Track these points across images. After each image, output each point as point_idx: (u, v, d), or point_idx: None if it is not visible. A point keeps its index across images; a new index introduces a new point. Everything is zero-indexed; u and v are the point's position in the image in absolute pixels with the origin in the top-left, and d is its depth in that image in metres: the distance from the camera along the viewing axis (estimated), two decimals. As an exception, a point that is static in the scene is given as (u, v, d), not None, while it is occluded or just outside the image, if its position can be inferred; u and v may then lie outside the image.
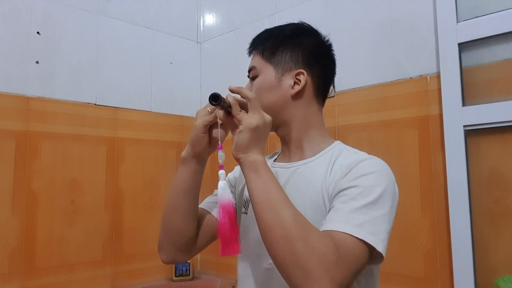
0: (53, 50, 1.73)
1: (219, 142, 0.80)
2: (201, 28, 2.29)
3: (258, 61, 0.88)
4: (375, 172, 0.75)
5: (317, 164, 0.84)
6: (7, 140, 1.57)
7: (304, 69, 0.86)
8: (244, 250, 0.90)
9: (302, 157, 0.87)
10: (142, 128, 1.99)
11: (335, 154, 0.84)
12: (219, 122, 0.79)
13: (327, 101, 1.59)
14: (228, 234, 0.74)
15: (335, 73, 0.94)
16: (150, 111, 2.04)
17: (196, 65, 2.26)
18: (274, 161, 0.94)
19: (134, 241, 1.90)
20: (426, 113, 1.38)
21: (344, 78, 1.60)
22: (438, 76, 1.35)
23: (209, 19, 2.28)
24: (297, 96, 0.86)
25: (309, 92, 0.88)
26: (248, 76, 0.91)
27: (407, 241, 1.38)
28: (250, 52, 0.92)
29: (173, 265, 1.97)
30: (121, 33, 1.96)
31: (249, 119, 0.73)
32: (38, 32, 1.69)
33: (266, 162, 0.74)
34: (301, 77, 0.86)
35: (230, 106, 0.75)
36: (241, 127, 0.73)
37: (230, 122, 0.78)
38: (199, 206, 0.94)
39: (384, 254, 0.70)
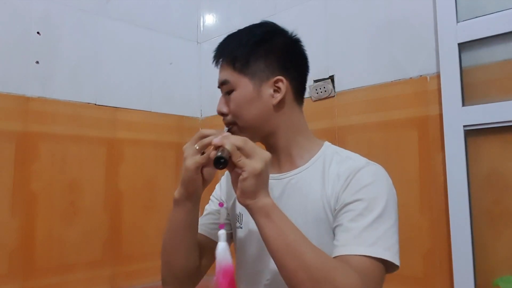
0: (53, 50, 1.73)
1: (222, 200, 0.77)
2: (201, 28, 2.29)
3: (231, 74, 0.83)
4: (376, 182, 0.75)
5: (310, 174, 0.82)
6: (6, 141, 1.57)
7: (281, 75, 0.82)
8: (242, 266, 0.90)
9: (293, 166, 0.85)
10: (142, 129, 1.99)
11: (327, 160, 0.82)
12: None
13: (327, 101, 1.59)
14: None
15: (309, 69, 0.91)
16: (150, 111, 2.03)
17: (196, 65, 2.26)
18: None
19: (133, 241, 1.89)
20: (426, 113, 1.38)
21: (344, 78, 1.60)
22: (437, 76, 1.35)
23: (209, 19, 2.28)
24: (280, 104, 0.83)
25: (290, 97, 0.85)
26: (219, 87, 0.87)
27: (407, 241, 1.37)
28: (217, 62, 0.87)
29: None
30: (120, 33, 1.96)
31: (253, 165, 0.68)
32: (38, 32, 1.69)
33: (275, 204, 0.71)
34: (280, 85, 0.82)
35: (229, 155, 0.69)
36: (244, 174, 0.68)
37: (229, 167, 0.71)
38: (199, 232, 0.92)
39: (399, 265, 0.72)
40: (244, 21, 2.12)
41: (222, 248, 0.72)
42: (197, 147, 0.74)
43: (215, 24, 2.25)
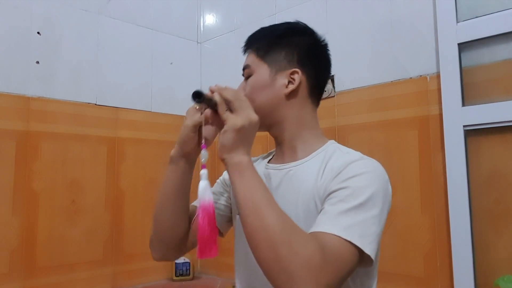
0: (53, 50, 1.73)
1: (203, 141, 0.78)
2: (201, 28, 2.29)
3: (253, 60, 0.88)
4: (366, 173, 0.74)
5: (309, 166, 0.83)
6: (7, 140, 1.57)
7: (298, 68, 0.85)
8: (240, 252, 0.91)
9: (294, 158, 0.86)
10: (143, 128, 1.99)
11: (327, 155, 0.83)
12: (203, 121, 0.77)
13: (327, 101, 1.60)
14: (206, 237, 0.72)
15: (331, 73, 0.93)
16: (151, 111, 2.04)
17: (196, 65, 2.27)
18: (268, 162, 0.93)
19: (134, 241, 1.90)
20: (426, 113, 1.38)
21: (344, 78, 1.61)
22: (438, 76, 1.36)
23: (209, 19, 2.28)
24: (291, 95, 0.85)
25: (303, 91, 0.86)
26: (243, 75, 0.90)
27: (407, 241, 1.38)
28: (245, 51, 0.91)
29: (174, 265, 1.97)
30: (121, 33, 1.96)
31: (234, 120, 0.71)
32: (38, 32, 1.69)
33: (251, 164, 0.72)
34: (296, 76, 0.84)
35: (216, 105, 0.74)
36: (225, 127, 0.72)
37: (218, 121, 0.76)
38: (192, 204, 0.93)
39: (373, 257, 0.69)
40: (244, 21, 2.14)
41: (202, 186, 0.73)
42: (196, 107, 0.78)
43: (216, 24, 2.25)
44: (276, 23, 0.92)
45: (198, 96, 0.72)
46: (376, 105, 1.51)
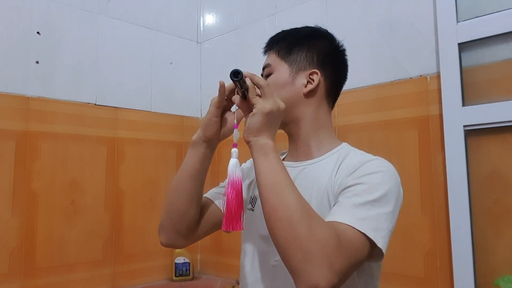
0: (53, 50, 1.73)
1: (235, 122, 0.81)
2: (201, 28, 2.29)
3: (274, 59, 0.90)
4: (381, 172, 0.76)
5: (324, 165, 0.85)
6: (7, 140, 1.57)
7: (318, 70, 0.88)
8: (250, 247, 0.91)
9: (309, 156, 0.88)
10: (142, 128, 1.99)
11: (342, 155, 0.85)
12: (237, 102, 0.80)
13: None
14: (233, 210, 0.75)
15: (347, 78, 0.96)
16: (150, 111, 2.04)
17: (196, 65, 2.26)
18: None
19: (134, 241, 1.90)
20: (426, 113, 1.38)
21: (344, 78, 1.61)
22: (438, 76, 1.36)
23: (209, 19, 2.28)
24: (309, 94, 0.88)
25: (321, 92, 0.89)
26: (262, 74, 0.93)
27: (407, 241, 1.38)
28: (265, 51, 0.94)
29: (173, 265, 1.97)
30: (121, 33, 1.96)
31: (263, 103, 0.74)
32: (38, 32, 1.69)
33: (274, 147, 0.75)
34: (315, 77, 0.87)
35: (247, 89, 0.76)
36: (254, 110, 0.74)
37: (244, 107, 0.79)
38: (204, 195, 0.95)
39: (384, 251, 0.70)
40: (244, 21, 2.14)
41: (232, 163, 0.77)
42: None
43: (216, 24, 2.25)
44: (295, 25, 0.95)
45: (236, 75, 0.73)
46: (376, 105, 1.50)
